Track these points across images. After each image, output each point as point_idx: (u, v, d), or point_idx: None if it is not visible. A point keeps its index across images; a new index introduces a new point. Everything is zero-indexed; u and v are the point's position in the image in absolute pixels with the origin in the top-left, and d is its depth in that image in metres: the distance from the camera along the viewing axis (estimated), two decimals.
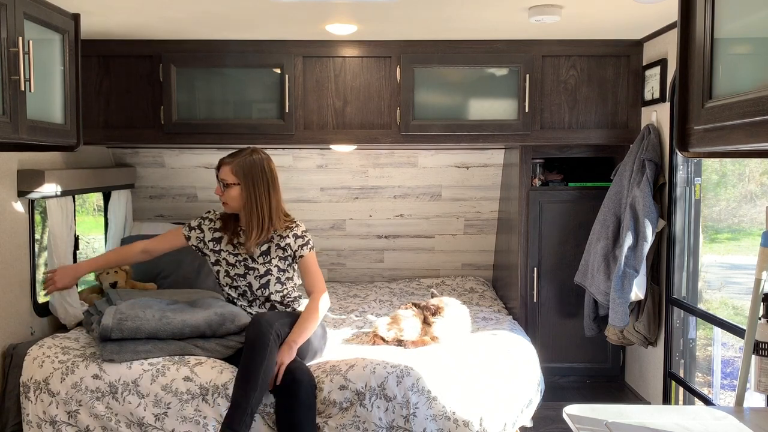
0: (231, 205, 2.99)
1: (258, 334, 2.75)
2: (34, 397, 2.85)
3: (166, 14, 3.19)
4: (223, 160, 3.00)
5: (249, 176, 2.95)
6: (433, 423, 2.80)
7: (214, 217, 3.12)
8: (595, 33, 3.65)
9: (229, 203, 2.99)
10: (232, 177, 2.96)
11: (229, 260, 3.05)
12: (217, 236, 3.07)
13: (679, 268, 3.52)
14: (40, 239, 4.63)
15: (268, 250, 3.02)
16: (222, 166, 2.99)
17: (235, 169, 2.96)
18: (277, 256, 3.02)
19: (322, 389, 2.81)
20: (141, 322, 2.89)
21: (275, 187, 3.01)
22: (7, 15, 2.38)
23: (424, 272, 4.86)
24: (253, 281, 3.03)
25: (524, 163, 3.99)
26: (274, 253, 3.02)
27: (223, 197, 2.99)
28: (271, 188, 2.99)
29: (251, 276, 3.02)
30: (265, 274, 3.02)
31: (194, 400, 2.80)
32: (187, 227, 3.12)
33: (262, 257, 3.01)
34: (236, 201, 2.97)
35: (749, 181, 4.51)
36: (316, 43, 3.77)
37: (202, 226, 3.10)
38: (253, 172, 2.96)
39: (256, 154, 3.00)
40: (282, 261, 3.03)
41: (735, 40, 1.56)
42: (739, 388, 2.13)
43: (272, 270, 3.02)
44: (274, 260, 3.02)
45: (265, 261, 3.01)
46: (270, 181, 2.99)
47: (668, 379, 3.55)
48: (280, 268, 3.03)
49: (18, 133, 2.48)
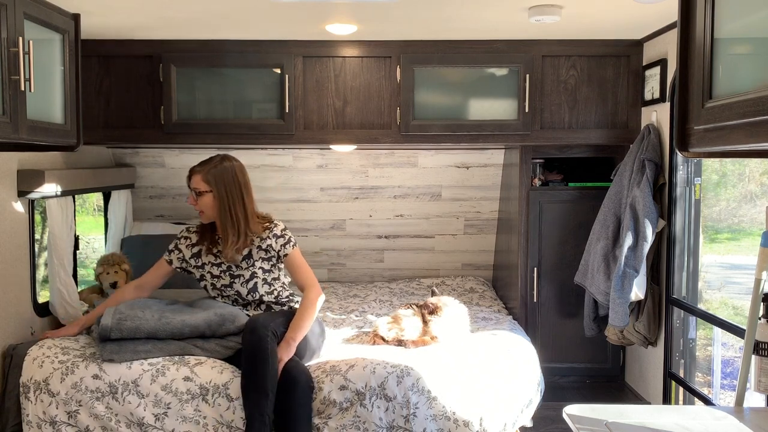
0: (206, 214, 2.99)
1: (256, 339, 2.75)
2: (34, 397, 2.85)
3: (166, 14, 3.19)
4: (194, 168, 3.00)
5: (221, 183, 2.96)
6: (433, 423, 2.80)
7: (189, 233, 3.12)
8: (595, 33, 3.65)
9: (205, 211, 2.99)
10: (204, 185, 2.96)
11: (213, 272, 3.05)
12: (195, 251, 3.07)
13: (679, 268, 3.52)
14: (40, 239, 4.63)
15: (249, 254, 3.02)
16: (193, 175, 2.99)
17: (207, 177, 2.96)
18: (260, 258, 3.02)
19: (322, 389, 2.81)
20: (140, 322, 2.88)
21: (248, 192, 3.01)
22: (7, 15, 2.38)
23: (424, 272, 4.86)
24: (240, 288, 3.03)
25: (524, 163, 3.99)
26: (257, 255, 3.02)
27: (197, 206, 2.99)
28: (244, 193, 2.99)
29: (237, 284, 3.03)
30: (251, 278, 3.02)
31: (194, 400, 2.80)
32: (167, 253, 3.13)
33: (245, 262, 3.01)
34: (211, 209, 2.97)
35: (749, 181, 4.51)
36: (316, 43, 3.77)
37: (179, 246, 3.11)
38: (224, 178, 2.96)
39: (227, 161, 3.01)
40: (266, 262, 3.03)
41: (735, 40, 1.55)
42: (739, 388, 2.13)
43: (257, 273, 3.02)
44: (258, 263, 3.02)
45: (249, 265, 3.02)
46: (242, 186, 2.99)
47: (668, 379, 3.55)
48: (265, 270, 3.03)
49: (18, 133, 2.48)
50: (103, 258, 3.90)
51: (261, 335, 2.74)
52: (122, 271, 3.83)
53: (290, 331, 2.86)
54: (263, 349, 2.72)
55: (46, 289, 3.58)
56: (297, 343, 2.86)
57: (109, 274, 3.78)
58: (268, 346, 2.73)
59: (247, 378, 2.73)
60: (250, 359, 2.73)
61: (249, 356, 2.74)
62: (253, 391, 2.70)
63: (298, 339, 2.86)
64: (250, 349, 2.75)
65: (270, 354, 2.72)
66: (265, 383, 2.68)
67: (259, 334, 2.75)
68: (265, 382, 2.68)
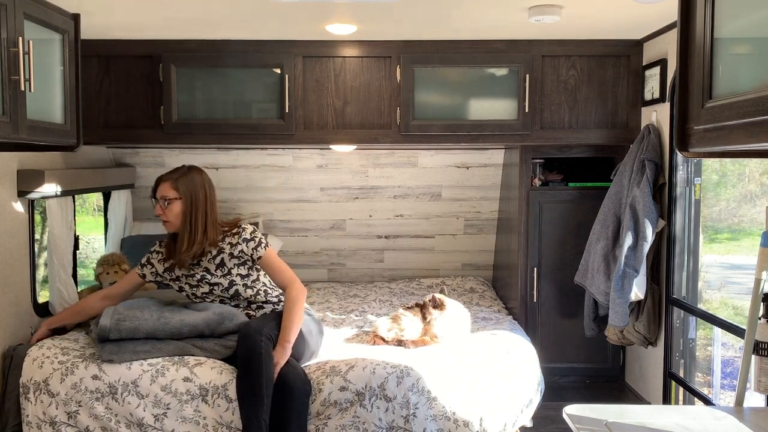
0: (173, 223, 2.98)
1: (250, 344, 2.74)
2: (34, 397, 2.85)
3: (166, 14, 3.19)
4: (162, 177, 3.01)
5: (188, 191, 2.96)
6: (433, 423, 2.80)
7: (160, 248, 3.12)
8: (595, 33, 3.65)
9: (171, 220, 2.98)
10: (173, 192, 2.96)
11: (190, 283, 3.05)
12: (167, 265, 3.07)
13: (679, 268, 3.52)
14: (40, 239, 4.63)
15: (222, 263, 3.00)
16: (161, 183, 2.99)
17: (176, 185, 2.96)
18: (235, 265, 3.01)
19: (322, 390, 2.81)
20: (139, 322, 2.88)
21: (212, 205, 3.02)
22: (7, 15, 2.38)
23: (424, 272, 4.86)
24: (221, 294, 3.03)
25: (524, 163, 3.99)
26: (230, 263, 3.01)
27: (164, 215, 2.97)
28: (208, 205, 2.99)
29: (217, 291, 3.02)
30: (230, 286, 3.01)
31: (194, 401, 2.80)
32: (139, 266, 3.13)
33: (220, 270, 3.00)
34: (178, 218, 2.97)
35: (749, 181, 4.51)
36: (316, 43, 3.77)
37: (151, 260, 3.12)
38: (193, 186, 2.97)
39: (195, 172, 3.02)
40: (242, 267, 3.02)
41: (735, 40, 1.55)
42: (739, 388, 2.13)
43: (235, 280, 3.01)
44: (234, 270, 3.01)
45: (224, 273, 3.01)
46: (207, 197, 3.00)
47: (668, 379, 3.55)
48: (243, 275, 3.02)
49: (18, 133, 2.48)
50: (103, 258, 3.90)
51: (254, 340, 2.74)
52: (122, 271, 3.82)
53: (283, 334, 2.85)
54: (257, 354, 2.72)
55: (46, 289, 3.58)
56: (291, 344, 2.84)
57: (109, 274, 3.78)
58: (262, 351, 2.72)
59: (243, 383, 2.72)
60: (245, 365, 2.73)
61: (244, 362, 2.74)
62: (249, 397, 2.70)
63: (292, 340, 2.85)
64: (244, 355, 2.75)
65: (264, 358, 2.71)
66: (260, 389, 2.68)
67: (252, 339, 2.75)
68: (261, 388, 2.68)
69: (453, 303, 3.36)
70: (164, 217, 2.99)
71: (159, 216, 3.01)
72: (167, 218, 2.98)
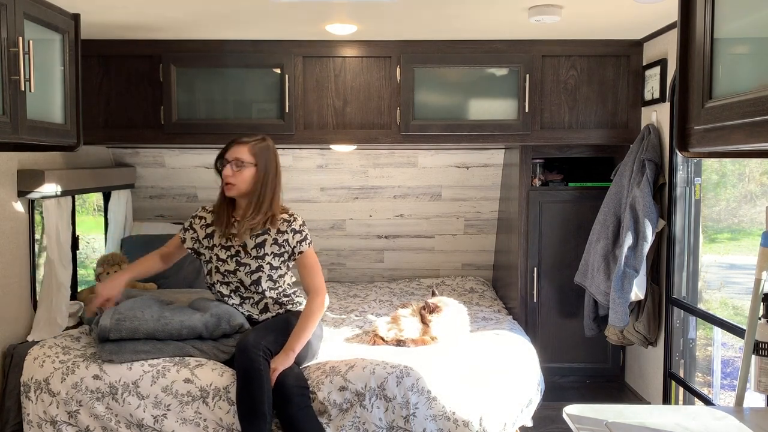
0: (238, 187, 2.87)
1: (248, 361, 2.67)
2: (35, 396, 2.85)
3: (166, 14, 3.19)
4: (239, 140, 2.90)
5: (263, 159, 2.88)
6: (433, 423, 2.80)
7: (204, 213, 3.04)
8: (595, 33, 3.65)
9: (238, 184, 2.86)
10: (250, 157, 2.86)
11: (220, 255, 2.95)
12: (209, 231, 2.99)
13: (679, 268, 3.52)
14: (40, 239, 4.62)
15: (263, 243, 2.91)
16: (237, 145, 2.89)
17: (254, 150, 2.88)
18: (272, 253, 2.92)
19: (321, 390, 2.80)
20: (139, 323, 2.88)
21: (279, 176, 2.95)
22: (7, 15, 2.38)
23: (424, 272, 4.86)
24: (244, 277, 2.93)
25: (524, 163, 3.99)
26: (269, 248, 2.92)
27: (233, 177, 2.86)
28: (278, 175, 2.94)
29: (242, 272, 2.92)
30: (257, 270, 2.92)
31: (194, 402, 2.80)
32: (182, 230, 3.07)
33: (255, 250, 2.91)
34: (246, 183, 2.86)
35: (749, 181, 4.50)
36: (316, 43, 3.77)
37: (193, 225, 3.04)
38: (267, 156, 2.90)
39: (270, 140, 2.96)
40: (276, 258, 2.93)
41: (735, 40, 1.56)
42: (739, 388, 2.13)
43: (264, 267, 2.92)
44: (268, 256, 2.92)
45: (258, 255, 2.91)
46: (278, 168, 2.94)
47: (668, 379, 3.55)
48: (273, 266, 2.93)
49: (18, 133, 2.48)
50: (103, 258, 3.91)
51: (253, 357, 2.66)
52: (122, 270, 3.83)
53: (292, 341, 2.78)
54: (256, 371, 2.65)
55: None
56: (296, 354, 2.79)
57: (109, 274, 3.78)
58: (261, 367, 2.65)
59: (244, 403, 2.66)
60: (245, 382, 2.66)
61: (243, 379, 2.67)
62: (251, 415, 2.63)
63: (299, 349, 2.80)
64: (243, 372, 2.68)
65: (264, 375, 2.65)
66: (263, 407, 2.62)
67: (250, 356, 2.67)
68: (263, 405, 2.62)
69: (446, 302, 3.35)
70: (232, 180, 2.86)
71: (226, 177, 2.86)
72: (235, 182, 2.86)
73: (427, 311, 3.27)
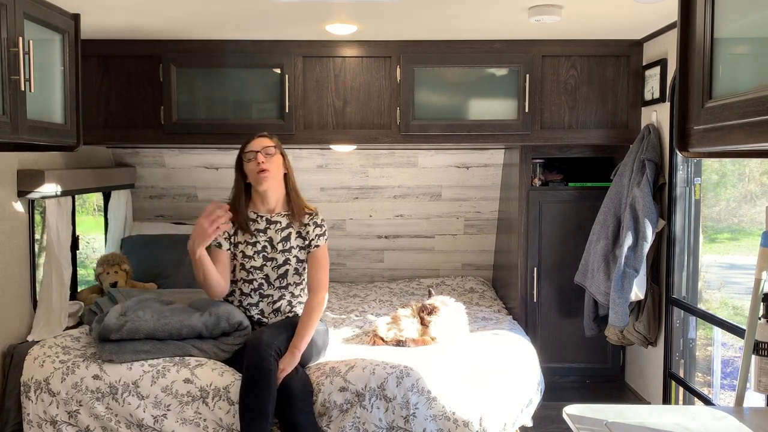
0: (274, 173, 2.92)
1: (259, 359, 2.65)
2: (35, 396, 2.85)
3: (166, 14, 3.19)
4: (256, 135, 3.01)
5: (282, 149, 3.01)
6: (433, 423, 2.80)
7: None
8: (595, 33, 3.65)
9: (272, 171, 2.91)
10: (273, 148, 2.95)
11: (246, 252, 2.96)
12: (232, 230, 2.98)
13: (679, 268, 3.52)
14: (40, 239, 4.63)
15: (288, 237, 2.95)
16: (259, 138, 2.98)
17: (274, 141, 3.00)
18: (297, 246, 2.96)
19: (322, 391, 2.80)
20: (139, 323, 2.89)
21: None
22: (7, 15, 2.38)
23: (424, 272, 4.86)
24: (270, 272, 2.95)
25: (524, 163, 3.99)
26: (294, 241, 2.96)
27: (267, 164, 2.89)
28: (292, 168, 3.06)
29: (268, 267, 2.94)
30: (284, 264, 2.95)
31: (194, 403, 2.80)
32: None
33: (281, 244, 2.94)
34: (279, 170, 2.95)
35: (749, 181, 4.51)
36: (316, 43, 3.77)
37: None
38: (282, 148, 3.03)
39: None
40: (302, 251, 2.97)
41: (735, 40, 1.55)
42: (739, 388, 2.13)
43: (290, 260, 2.96)
44: (294, 249, 2.96)
45: (284, 248, 2.95)
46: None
47: (668, 379, 3.55)
48: (299, 259, 2.97)
49: (18, 133, 2.48)
50: (103, 258, 3.91)
51: (264, 355, 2.65)
52: (122, 271, 3.83)
53: (297, 341, 2.78)
54: (266, 370, 2.64)
55: None
56: (301, 352, 2.79)
57: (109, 274, 3.79)
58: (271, 366, 2.65)
59: (247, 400, 2.64)
60: (252, 380, 2.64)
61: (251, 377, 2.65)
62: (255, 414, 2.62)
63: (303, 348, 2.80)
64: (252, 370, 2.65)
65: (272, 375, 2.65)
66: (267, 407, 2.61)
67: (262, 355, 2.65)
68: (267, 406, 2.62)
69: (443, 301, 3.34)
70: (267, 167, 2.89)
71: (261, 165, 2.88)
72: (269, 167, 2.90)
73: (425, 313, 3.27)
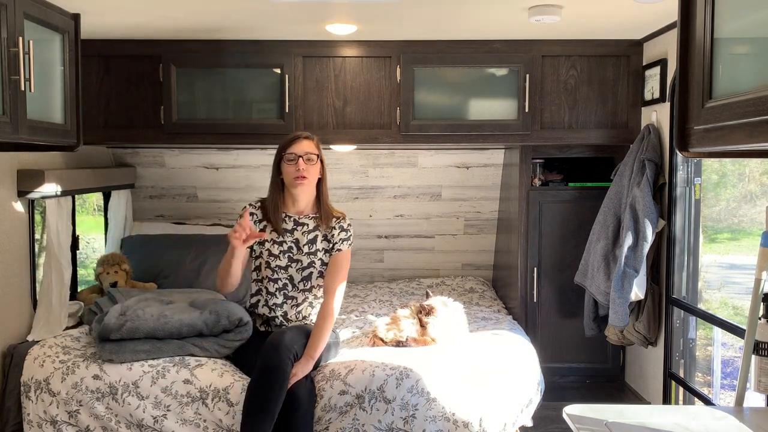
0: (311, 181, 2.91)
1: (277, 359, 2.63)
2: (35, 396, 2.85)
3: (166, 14, 3.19)
4: (300, 135, 2.94)
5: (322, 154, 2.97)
6: (433, 424, 2.80)
7: (254, 210, 3.00)
8: (595, 33, 3.65)
9: (310, 178, 2.90)
10: (316, 151, 2.92)
11: (272, 251, 2.95)
12: (261, 227, 2.96)
13: (679, 268, 3.52)
14: (40, 239, 4.63)
15: (314, 240, 2.94)
16: (304, 140, 2.91)
17: (318, 145, 2.95)
18: (323, 249, 2.96)
19: (322, 396, 2.79)
20: (139, 323, 2.89)
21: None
22: (7, 15, 2.38)
23: (424, 272, 4.86)
24: (294, 274, 2.94)
25: (524, 163, 3.99)
26: (320, 244, 2.95)
27: (307, 171, 2.87)
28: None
29: (293, 269, 2.94)
30: (308, 266, 2.95)
31: (194, 403, 2.79)
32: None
33: (308, 246, 2.93)
34: (315, 177, 2.93)
35: (749, 181, 4.51)
36: (316, 43, 3.77)
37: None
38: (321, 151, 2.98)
39: None
40: (327, 254, 2.96)
41: (735, 40, 1.55)
42: (739, 388, 2.13)
43: (315, 263, 2.95)
44: (320, 252, 2.95)
45: (310, 251, 2.94)
46: None
47: (668, 379, 3.55)
48: (324, 262, 2.97)
49: (18, 133, 2.48)
50: (103, 258, 3.90)
51: (282, 357, 2.63)
52: (122, 271, 3.83)
53: (311, 348, 2.75)
54: (282, 372, 2.61)
55: None
56: (315, 360, 2.77)
57: (109, 274, 3.78)
58: (287, 369, 2.63)
59: (255, 398, 2.61)
60: (265, 379, 2.61)
61: (264, 376, 2.62)
62: (262, 412, 2.59)
63: (317, 356, 2.79)
64: (267, 369, 2.62)
65: (286, 378, 2.62)
66: (274, 408, 2.59)
67: (280, 356, 2.63)
68: (275, 408, 2.60)
69: (443, 302, 3.34)
70: (306, 174, 2.88)
71: (301, 171, 2.86)
72: (308, 175, 2.89)
73: (422, 314, 3.26)
